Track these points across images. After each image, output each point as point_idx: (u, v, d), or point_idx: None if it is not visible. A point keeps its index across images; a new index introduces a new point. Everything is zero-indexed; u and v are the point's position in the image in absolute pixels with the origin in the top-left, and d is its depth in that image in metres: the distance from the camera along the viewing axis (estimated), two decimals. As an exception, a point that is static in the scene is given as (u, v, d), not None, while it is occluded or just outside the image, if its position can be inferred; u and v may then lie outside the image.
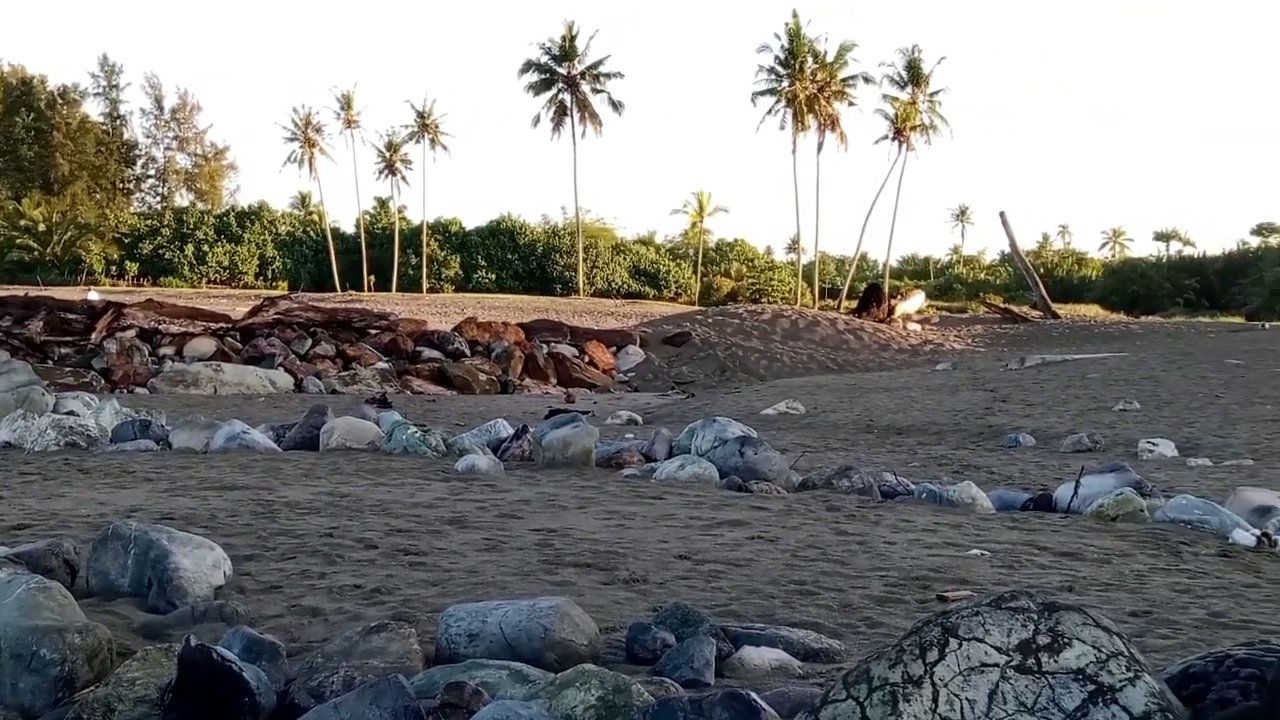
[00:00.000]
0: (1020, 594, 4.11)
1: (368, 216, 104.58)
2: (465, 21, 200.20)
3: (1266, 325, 50.63)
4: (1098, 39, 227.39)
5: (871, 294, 58.91)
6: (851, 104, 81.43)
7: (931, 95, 79.69)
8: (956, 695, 3.82)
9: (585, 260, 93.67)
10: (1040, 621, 3.96)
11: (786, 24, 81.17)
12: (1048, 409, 25.13)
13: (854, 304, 62.39)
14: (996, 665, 3.86)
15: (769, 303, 75.33)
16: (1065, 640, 3.90)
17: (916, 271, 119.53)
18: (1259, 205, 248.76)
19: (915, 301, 59.89)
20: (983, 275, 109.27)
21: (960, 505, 10.64)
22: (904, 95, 79.17)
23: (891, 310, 54.88)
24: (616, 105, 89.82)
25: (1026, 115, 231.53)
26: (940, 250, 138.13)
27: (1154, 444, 19.44)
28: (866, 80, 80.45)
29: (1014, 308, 62.96)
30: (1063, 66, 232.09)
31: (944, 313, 69.08)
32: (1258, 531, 9.22)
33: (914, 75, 78.94)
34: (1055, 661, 3.86)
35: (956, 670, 3.86)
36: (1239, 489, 11.16)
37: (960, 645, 3.90)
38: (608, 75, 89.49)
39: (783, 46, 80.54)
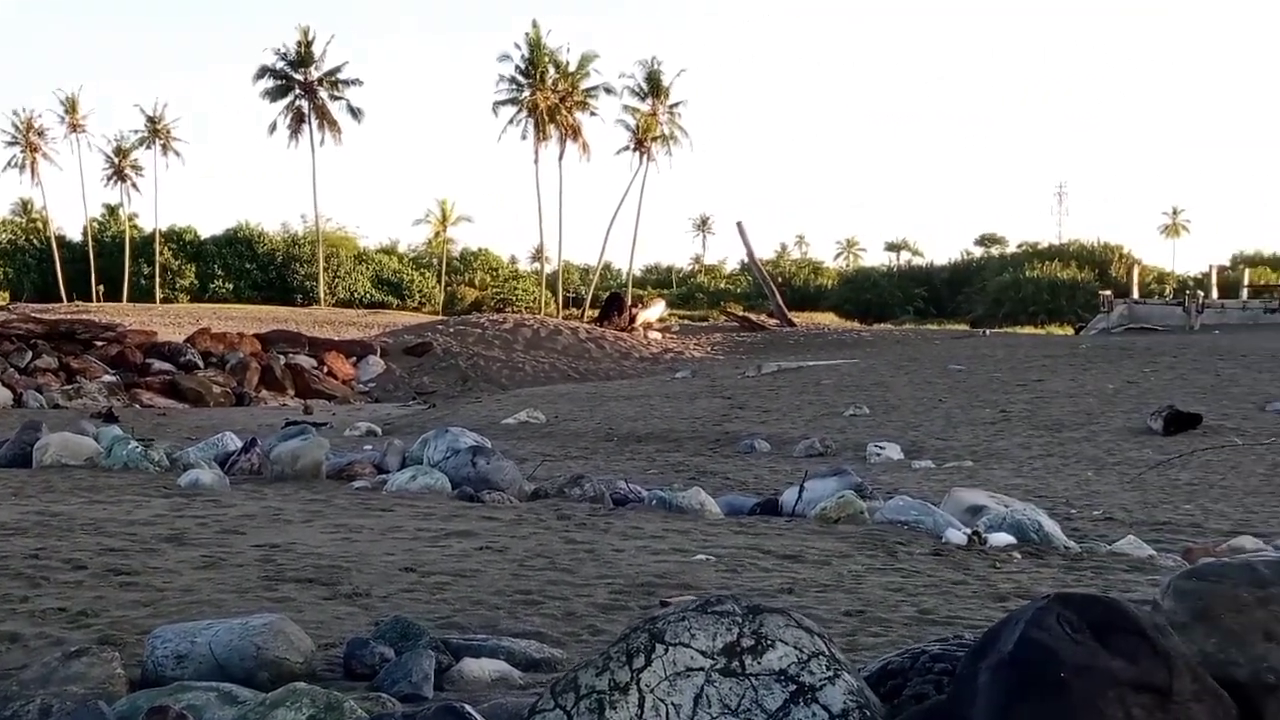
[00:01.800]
0: (726, 598, 4.17)
1: (96, 224, 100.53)
2: (196, 24, 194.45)
3: (987, 332, 52.95)
4: (825, 53, 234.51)
5: (613, 303, 59.36)
6: (593, 114, 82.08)
7: (671, 107, 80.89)
8: (662, 700, 3.84)
9: (326, 270, 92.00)
10: (745, 624, 4.02)
11: (527, 34, 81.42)
12: (782, 415, 25.75)
13: (597, 313, 62.81)
14: (702, 669, 3.90)
15: (513, 312, 75.24)
16: (768, 642, 3.97)
17: (660, 280, 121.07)
18: (982, 217, 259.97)
19: (656, 310, 60.66)
20: (724, 284, 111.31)
21: (690, 511, 10.80)
22: (645, 107, 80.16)
23: (633, 319, 55.42)
24: (356, 112, 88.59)
25: (765, 127, 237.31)
26: (683, 259, 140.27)
27: (881, 447, 20.12)
28: (608, 91, 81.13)
29: (752, 316, 64.32)
30: (796, 79, 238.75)
31: (685, 321, 70.18)
32: (969, 530, 9.62)
33: (654, 87, 79.95)
34: (758, 663, 3.93)
35: (663, 675, 3.89)
36: (954, 489, 11.63)
37: (667, 651, 3.93)
38: (346, 82, 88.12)
39: (523, 56, 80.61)
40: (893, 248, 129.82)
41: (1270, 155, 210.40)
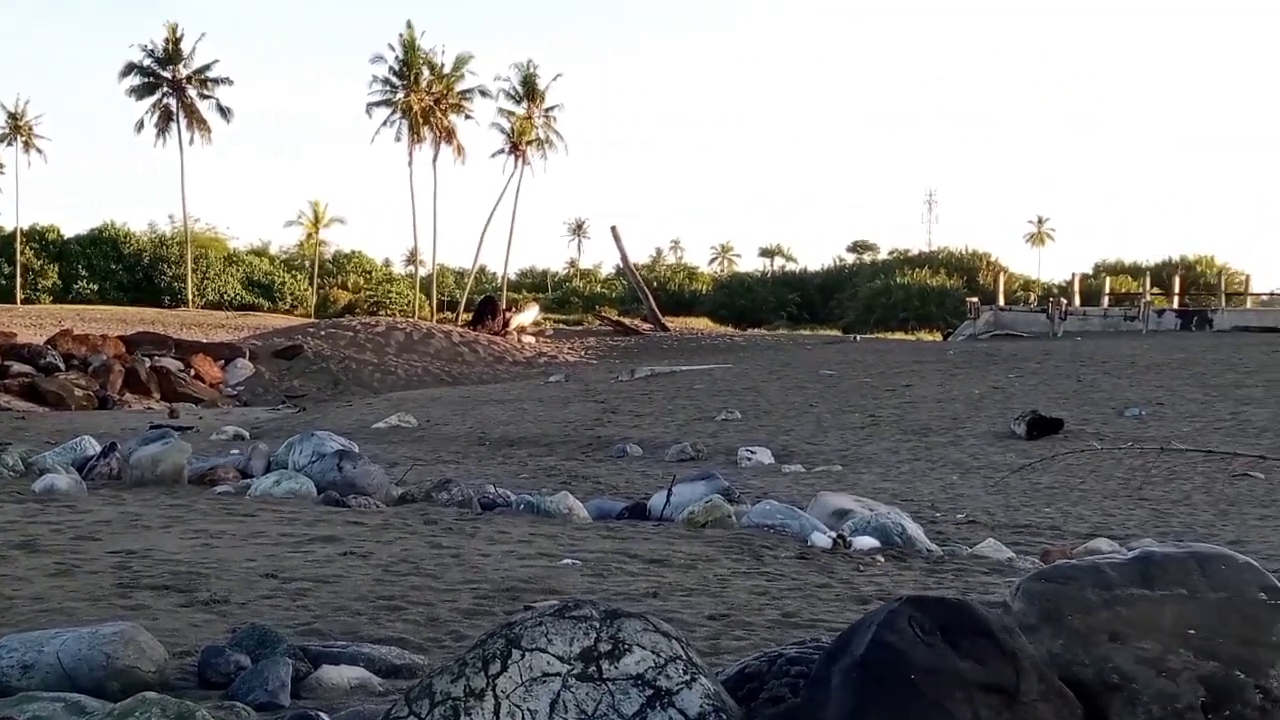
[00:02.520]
0: (584, 602, 4.16)
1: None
2: (60, 19, 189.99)
3: (858, 337, 53.58)
4: (696, 57, 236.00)
5: (486, 306, 59.03)
6: (468, 117, 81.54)
7: (547, 111, 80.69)
8: (518, 706, 3.82)
9: (195, 271, 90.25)
10: (602, 629, 4.01)
11: (401, 35, 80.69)
12: (655, 419, 25.83)
13: (471, 316, 62.39)
14: (558, 674, 3.89)
15: (387, 315, 74.49)
16: (626, 646, 3.97)
17: (535, 284, 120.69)
18: (854, 224, 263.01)
19: (530, 314, 60.47)
20: (599, 288, 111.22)
21: (557, 515, 10.78)
22: (520, 110, 79.85)
23: (507, 323, 55.18)
24: (225, 112, 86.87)
25: (642, 131, 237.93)
26: (558, 263, 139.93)
27: (753, 452, 20.28)
28: (483, 94, 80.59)
29: (626, 320, 64.40)
30: (670, 83, 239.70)
31: (560, 325, 70.04)
32: (834, 534, 9.71)
33: (529, 90, 79.64)
34: (616, 668, 3.92)
35: (519, 681, 3.86)
36: (820, 493, 11.76)
37: (523, 656, 3.91)
38: (216, 80, 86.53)
39: (397, 57, 79.79)
40: (767, 253, 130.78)
41: (1131, 165, 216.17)
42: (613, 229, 67.84)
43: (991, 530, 12.14)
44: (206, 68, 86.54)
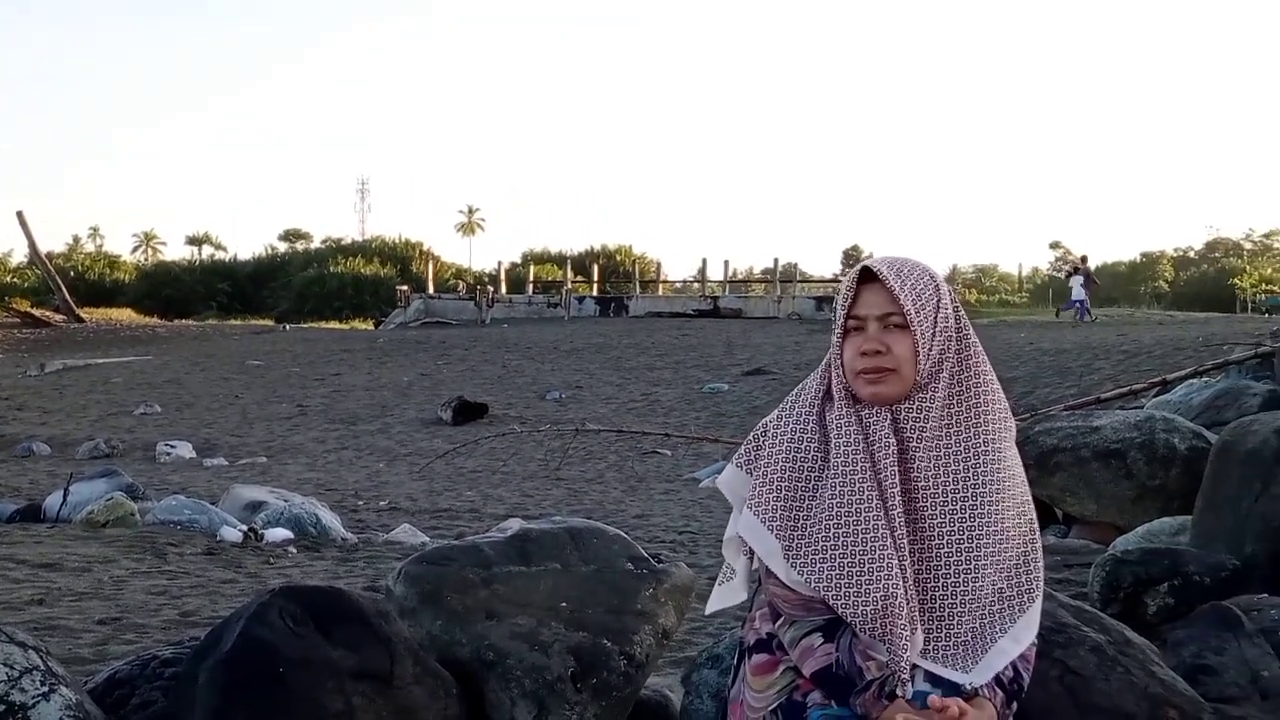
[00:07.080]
0: (-77, 616, 3.77)
1: None
2: None
3: (287, 327, 52.71)
4: (128, 45, 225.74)
5: None
6: None
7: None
8: None
9: None
10: (-55, 644, 3.64)
11: None
12: (66, 415, 24.40)
13: None
14: (-117, 699, 3.49)
15: None
16: (-28, 661, 3.62)
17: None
18: (286, 213, 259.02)
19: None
20: (9, 278, 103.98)
21: (-65, 522, 9.89)
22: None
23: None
24: None
25: (57, 110, 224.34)
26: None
27: (172, 446, 19.51)
28: None
29: (36, 312, 60.44)
30: (94, 67, 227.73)
31: (-36, 317, 64.84)
32: (245, 527, 9.43)
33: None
34: (-40, 686, 3.57)
35: None
36: (233, 486, 11.39)
37: None
38: None
39: None
40: (194, 241, 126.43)
41: (558, 158, 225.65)
42: (19, 214, 63.40)
43: (412, 516, 12.19)
44: None
